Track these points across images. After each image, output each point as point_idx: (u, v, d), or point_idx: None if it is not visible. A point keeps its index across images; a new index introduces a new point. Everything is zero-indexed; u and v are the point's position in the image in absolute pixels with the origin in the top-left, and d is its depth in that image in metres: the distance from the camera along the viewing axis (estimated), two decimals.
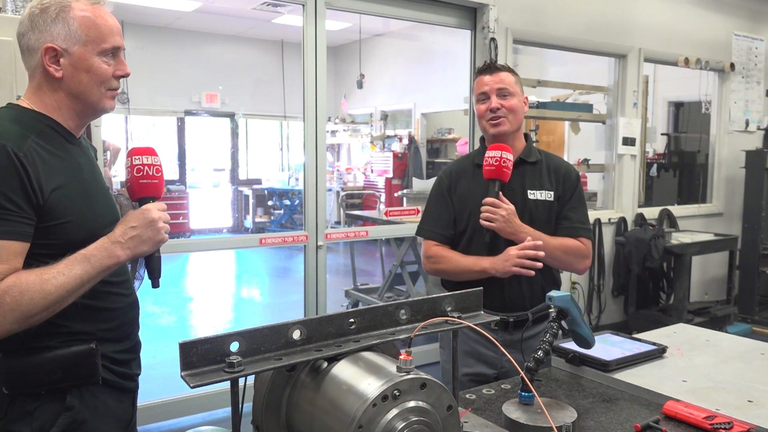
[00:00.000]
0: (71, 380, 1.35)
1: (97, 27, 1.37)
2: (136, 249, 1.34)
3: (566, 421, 1.28)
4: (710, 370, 1.66)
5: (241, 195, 11.39)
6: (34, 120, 1.36)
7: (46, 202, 1.29)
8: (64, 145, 1.39)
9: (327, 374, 1.04)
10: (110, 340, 1.44)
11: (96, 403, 1.40)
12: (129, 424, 1.54)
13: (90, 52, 1.36)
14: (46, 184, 1.29)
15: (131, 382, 1.53)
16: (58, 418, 1.34)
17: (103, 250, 1.31)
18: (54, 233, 1.31)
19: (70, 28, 1.35)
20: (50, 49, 1.34)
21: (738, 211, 5.90)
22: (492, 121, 2.04)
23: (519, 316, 2.02)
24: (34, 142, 1.31)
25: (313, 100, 3.69)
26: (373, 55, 10.81)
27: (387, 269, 5.67)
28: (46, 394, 1.34)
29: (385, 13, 4.16)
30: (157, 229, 1.35)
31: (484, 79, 2.07)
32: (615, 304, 5.32)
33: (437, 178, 2.21)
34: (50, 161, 1.32)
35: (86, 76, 1.37)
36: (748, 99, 6.05)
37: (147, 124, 10.74)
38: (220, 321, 5.96)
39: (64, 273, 1.26)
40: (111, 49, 1.39)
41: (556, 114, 5.24)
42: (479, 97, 2.08)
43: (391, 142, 10.55)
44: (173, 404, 3.47)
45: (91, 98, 1.39)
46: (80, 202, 1.37)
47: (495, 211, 1.94)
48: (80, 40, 1.35)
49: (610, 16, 5.00)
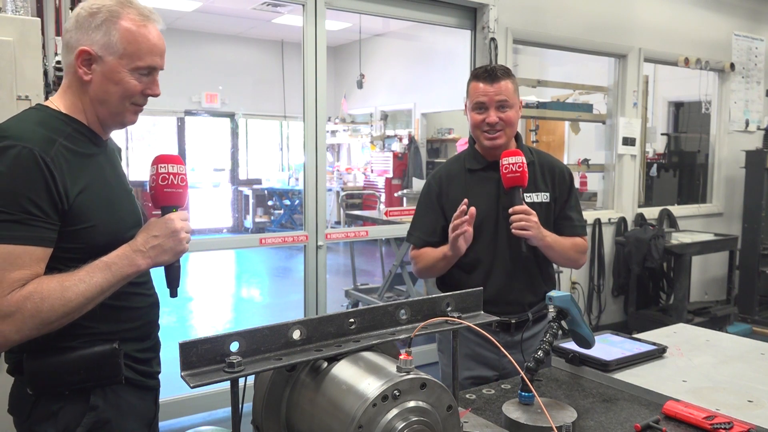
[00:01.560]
0: (94, 380, 1.36)
1: (137, 43, 1.36)
2: (157, 258, 1.34)
3: (566, 421, 1.28)
4: (710, 370, 1.66)
5: (241, 195, 11.39)
6: (62, 123, 1.36)
7: (72, 207, 1.29)
8: (90, 147, 1.39)
9: (327, 374, 1.04)
10: (133, 339, 1.44)
11: (119, 402, 1.41)
12: (152, 422, 1.55)
13: (123, 66, 1.36)
14: (72, 188, 1.29)
15: (153, 380, 1.53)
16: (83, 418, 1.35)
17: (124, 258, 1.31)
18: (78, 237, 1.31)
19: (111, 37, 1.34)
20: (85, 51, 1.34)
21: (738, 211, 5.90)
22: (488, 134, 1.99)
23: (520, 316, 2.03)
24: (61, 146, 1.30)
25: (313, 100, 3.69)
26: (373, 55, 10.81)
27: (387, 269, 5.67)
28: (69, 395, 1.34)
29: (385, 13, 4.16)
30: (179, 239, 1.35)
31: (484, 88, 1.96)
32: (615, 304, 5.32)
33: (426, 183, 2.17)
34: (76, 164, 1.32)
35: (114, 87, 1.37)
36: (748, 99, 6.05)
37: (147, 124, 10.75)
38: (220, 321, 5.97)
39: (85, 281, 1.27)
40: (146, 68, 1.39)
41: (556, 114, 5.24)
42: (475, 106, 1.99)
43: (391, 142, 10.55)
44: (173, 404, 3.47)
45: (113, 109, 1.39)
46: (104, 206, 1.36)
47: (528, 218, 1.89)
48: (117, 51, 1.35)
49: (610, 16, 5.00)
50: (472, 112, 2.01)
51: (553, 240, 1.98)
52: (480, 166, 2.07)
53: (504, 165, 1.90)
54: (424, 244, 2.08)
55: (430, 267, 2.06)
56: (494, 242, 1.99)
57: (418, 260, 2.09)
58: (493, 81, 1.96)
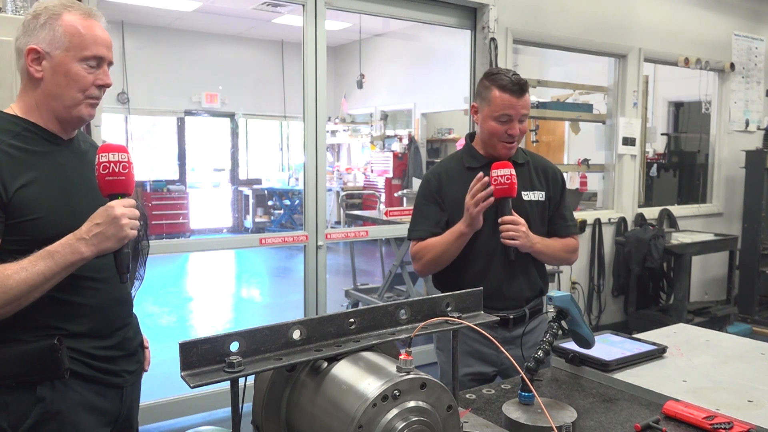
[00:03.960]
0: (36, 374, 1.38)
1: (80, 35, 1.42)
2: (100, 245, 1.35)
3: (566, 421, 1.28)
4: (710, 370, 1.66)
5: (241, 195, 11.39)
6: (12, 124, 1.42)
7: (11, 200, 1.34)
8: (44, 145, 1.44)
9: (327, 374, 1.04)
10: (88, 336, 1.46)
11: (72, 395, 1.43)
12: (117, 418, 1.55)
13: (71, 58, 1.42)
14: (12, 182, 1.34)
15: (117, 377, 1.53)
16: (32, 409, 1.38)
17: (67, 246, 1.33)
18: (24, 230, 1.36)
19: (55, 33, 1.41)
20: (33, 50, 1.41)
21: (738, 211, 5.90)
22: (507, 143, 2.03)
23: (518, 312, 2.07)
24: (5, 144, 1.37)
25: (313, 100, 3.69)
26: (373, 55, 10.81)
27: (387, 269, 5.67)
28: (17, 386, 1.37)
29: (385, 13, 4.16)
30: (120, 225, 1.36)
31: (512, 101, 1.98)
32: (615, 304, 5.32)
33: (424, 180, 2.18)
34: (23, 159, 1.38)
35: (64, 80, 1.42)
36: (748, 99, 6.05)
37: (147, 124, 10.74)
38: (220, 321, 5.96)
39: (26, 269, 1.30)
40: (93, 57, 1.44)
41: (556, 114, 5.24)
42: (501, 117, 1.99)
43: (391, 142, 10.55)
44: (173, 404, 3.47)
45: (67, 102, 1.43)
46: (55, 199, 1.41)
47: (517, 228, 1.95)
48: (62, 45, 1.41)
49: (610, 16, 5.00)
50: (492, 122, 2.02)
51: (543, 245, 2.05)
52: (479, 164, 2.11)
53: (494, 176, 1.94)
54: (425, 235, 2.08)
55: (440, 254, 2.03)
56: (493, 238, 2.00)
57: (425, 252, 2.06)
58: (521, 95, 2.00)
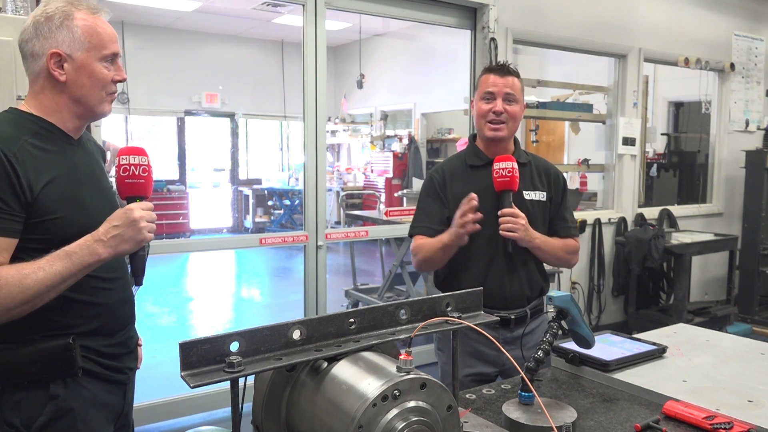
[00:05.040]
0: (50, 372, 1.40)
1: (98, 35, 1.45)
2: (117, 248, 1.36)
3: (566, 421, 1.28)
4: (710, 370, 1.66)
5: (241, 195, 11.38)
6: (30, 123, 1.42)
7: (36, 199, 1.35)
8: (60, 144, 1.45)
9: (327, 374, 1.04)
10: (98, 334, 1.48)
11: (83, 392, 1.45)
12: (120, 414, 1.58)
13: (92, 58, 1.44)
14: (36, 182, 1.35)
15: (121, 374, 1.56)
16: (45, 407, 1.39)
17: (85, 247, 1.34)
18: (44, 229, 1.36)
19: (74, 35, 1.43)
20: (55, 54, 1.42)
21: (738, 211, 5.90)
22: (492, 124, 2.04)
23: (519, 312, 2.07)
24: (27, 143, 1.37)
25: (313, 100, 3.69)
26: (373, 55, 10.81)
27: (387, 269, 5.67)
28: (30, 384, 1.38)
29: (385, 13, 4.16)
30: (139, 228, 1.37)
31: (494, 79, 2.05)
32: (615, 304, 5.32)
33: (428, 177, 2.20)
34: (43, 158, 1.39)
35: (88, 80, 1.45)
36: (748, 99, 6.05)
37: (147, 124, 10.74)
38: (220, 321, 5.96)
39: (44, 269, 1.30)
40: (111, 56, 1.48)
41: (556, 114, 5.24)
42: (484, 96, 2.06)
43: (391, 142, 10.55)
44: (173, 404, 3.46)
45: (91, 101, 1.46)
46: (72, 199, 1.42)
47: (516, 221, 1.95)
48: (83, 46, 1.43)
49: (610, 16, 5.00)
50: (479, 102, 2.08)
51: (542, 241, 2.04)
52: (481, 162, 2.11)
53: (495, 169, 1.96)
54: (426, 232, 2.09)
55: (429, 258, 2.06)
56: (494, 237, 2.00)
57: (420, 251, 2.08)
58: (504, 74, 2.05)
